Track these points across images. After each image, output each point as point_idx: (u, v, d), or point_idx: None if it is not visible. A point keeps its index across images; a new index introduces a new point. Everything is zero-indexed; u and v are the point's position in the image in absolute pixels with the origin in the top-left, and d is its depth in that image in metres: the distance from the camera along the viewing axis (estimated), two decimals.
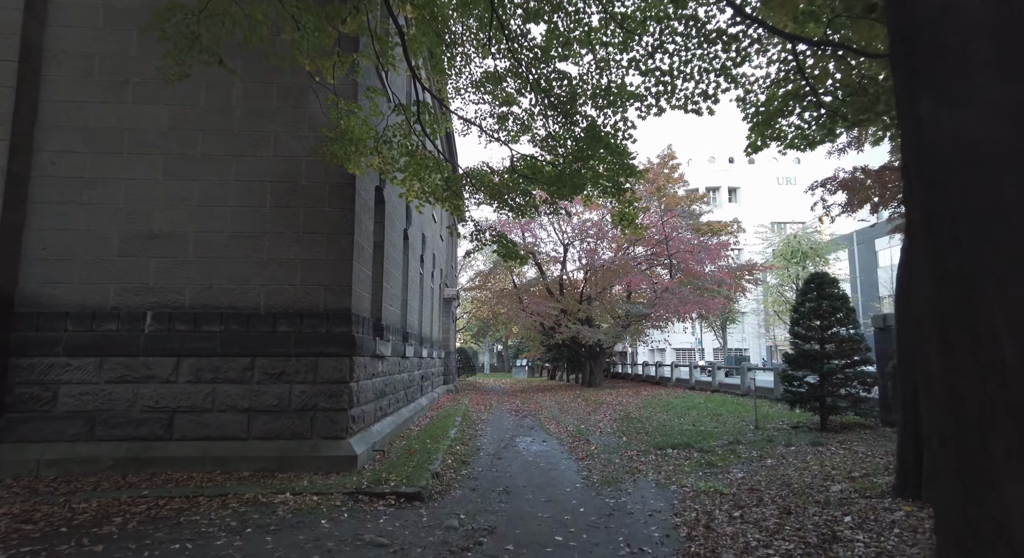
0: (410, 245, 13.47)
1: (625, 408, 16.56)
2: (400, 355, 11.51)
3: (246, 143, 7.99)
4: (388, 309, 10.49)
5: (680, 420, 13.30)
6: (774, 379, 15.58)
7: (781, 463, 8.15)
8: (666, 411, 15.09)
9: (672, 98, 4.89)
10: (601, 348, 26.35)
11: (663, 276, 28.26)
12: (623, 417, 14.37)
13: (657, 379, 26.72)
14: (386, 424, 9.65)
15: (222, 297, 7.65)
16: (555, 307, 25.03)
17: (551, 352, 34.46)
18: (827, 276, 11.06)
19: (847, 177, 9.28)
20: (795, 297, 11.50)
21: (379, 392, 9.39)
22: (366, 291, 8.68)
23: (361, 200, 8.33)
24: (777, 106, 4.60)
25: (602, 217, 27.34)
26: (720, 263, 26.32)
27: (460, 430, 11.91)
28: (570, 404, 18.99)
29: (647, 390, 23.19)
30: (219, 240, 7.76)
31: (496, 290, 30.28)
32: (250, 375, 7.48)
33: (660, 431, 11.65)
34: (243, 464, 7.13)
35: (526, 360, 49.13)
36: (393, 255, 11.12)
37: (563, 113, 5.75)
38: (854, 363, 10.55)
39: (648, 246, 27.64)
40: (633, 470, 8.12)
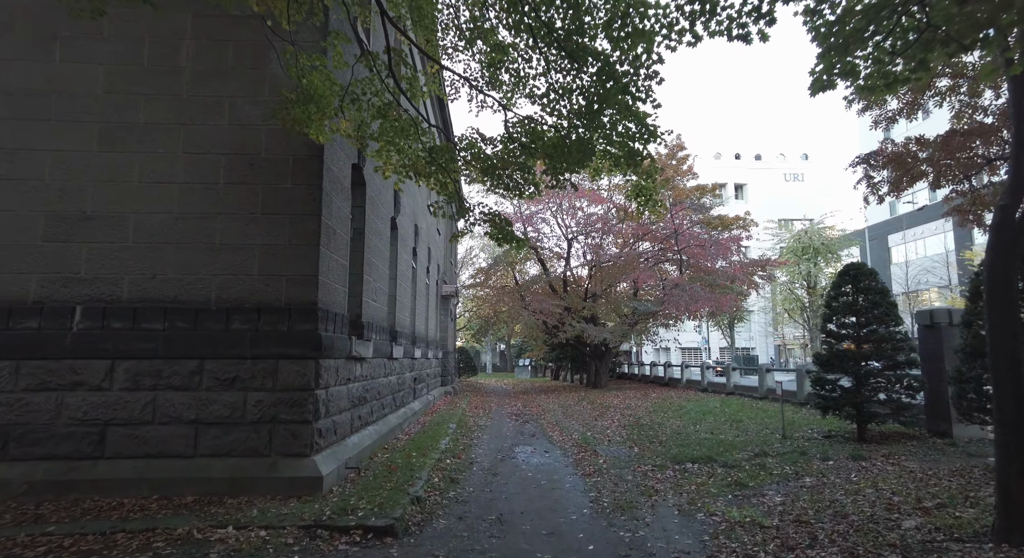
0: (400, 236, 12.32)
1: (634, 413, 15.37)
2: (386, 356, 10.36)
3: (196, 109, 6.84)
4: (371, 305, 9.34)
5: (696, 427, 12.10)
6: (797, 381, 14.36)
7: (823, 483, 6.96)
8: (679, 417, 13.89)
9: (712, 20, 3.71)
10: (607, 347, 25.16)
11: (671, 272, 27.04)
12: (632, 423, 13.18)
13: (666, 380, 25.49)
14: (366, 435, 8.50)
15: (166, 289, 6.50)
16: (559, 305, 23.85)
17: (555, 352, 33.26)
18: (864, 267, 9.85)
19: (897, 150, 8.05)
20: (826, 291, 10.29)
21: (357, 399, 8.25)
22: (339, 283, 7.52)
23: (332, 176, 7.17)
24: (858, 24, 3.41)
25: (607, 211, 26.14)
26: (732, 258, 25.07)
27: (453, 439, 10.75)
28: (574, 407, 17.81)
29: (656, 392, 21.99)
30: (164, 222, 6.62)
31: (497, 287, 29.10)
32: (198, 381, 6.33)
33: (675, 441, 10.46)
34: (187, 487, 5.99)
35: (529, 360, 47.94)
36: (378, 245, 9.97)
37: (568, 54, 4.59)
38: (896, 364, 9.34)
39: (655, 241, 26.42)
40: (649, 490, 6.94)
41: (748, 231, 26.56)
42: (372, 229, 9.49)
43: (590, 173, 6.66)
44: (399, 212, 12.01)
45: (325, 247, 6.90)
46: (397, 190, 11.15)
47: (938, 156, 7.44)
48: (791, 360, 67.16)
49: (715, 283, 22.82)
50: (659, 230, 25.91)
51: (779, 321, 55.96)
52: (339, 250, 7.50)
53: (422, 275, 16.24)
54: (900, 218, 43.80)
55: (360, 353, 8.20)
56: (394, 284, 11.86)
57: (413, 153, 6.49)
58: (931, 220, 40.32)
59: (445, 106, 16.66)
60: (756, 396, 16.24)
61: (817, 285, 42.12)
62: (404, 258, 12.94)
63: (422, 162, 6.58)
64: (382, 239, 10.33)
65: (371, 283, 9.39)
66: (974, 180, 7.99)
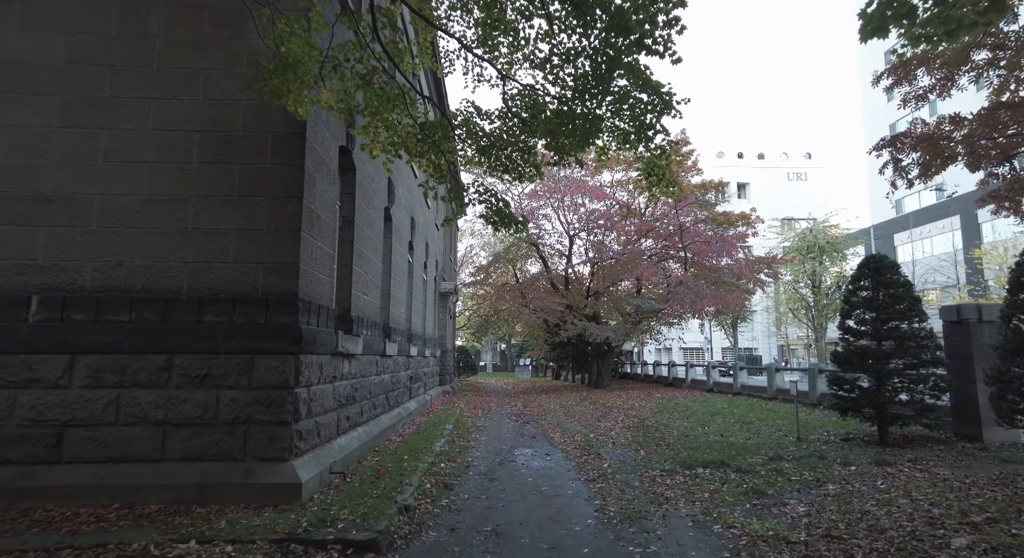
0: (395, 228, 11.76)
1: (638, 413, 14.81)
2: (378, 353, 9.81)
3: (168, 82, 6.28)
4: (361, 298, 8.78)
5: (705, 429, 11.53)
6: (809, 381, 13.79)
7: (848, 491, 6.39)
8: (686, 418, 13.33)
9: None
10: (609, 346, 24.58)
11: (675, 270, 26.47)
12: (637, 424, 12.62)
13: (670, 380, 24.91)
14: (355, 437, 7.94)
15: (133, 277, 5.95)
16: (560, 303, 23.29)
17: (556, 351, 32.69)
18: (885, 260, 9.27)
19: (927, 131, 7.47)
20: (831, 289, 9.69)
21: (345, 398, 7.69)
22: (325, 274, 6.96)
23: (316, 156, 6.61)
24: None
25: (610, 208, 25.58)
26: (737, 256, 24.49)
27: (449, 441, 10.19)
28: (576, 408, 17.25)
29: (660, 392, 21.42)
30: (131, 205, 6.07)
31: (497, 285, 28.53)
32: (167, 378, 5.78)
33: (684, 443, 9.90)
34: (152, 494, 5.43)
35: (530, 359, 47.37)
36: (369, 236, 9.42)
37: (574, 5, 4.03)
38: (921, 363, 8.77)
39: (659, 238, 25.85)
40: (659, 498, 6.38)
41: (754, 228, 25.98)
42: (363, 218, 8.93)
43: (596, 153, 6.10)
44: (394, 202, 11.45)
45: (307, 233, 6.35)
46: (390, 177, 10.61)
47: (979, 132, 6.83)
48: (795, 360, 66.59)
49: (720, 281, 22.24)
50: (663, 227, 25.35)
51: (783, 321, 55.32)
52: (324, 237, 6.94)
53: (419, 270, 15.69)
54: (907, 217, 43.20)
55: (348, 349, 7.64)
56: (388, 278, 11.31)
57: (403, 129, 5.94)
58: (938, 218, 39.74)
59: (440, 82, 15.95)
60: (765, 397, 15.67)
61: (822, 284, 41.54)
62: (399, 251, 12.39)
63: (413, 139, 6.03)
64: (375, 229, 9.78)
65: (362, 275, 8.83)
66: (1015, 162, 7.43)
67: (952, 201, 38.72)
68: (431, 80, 15.11)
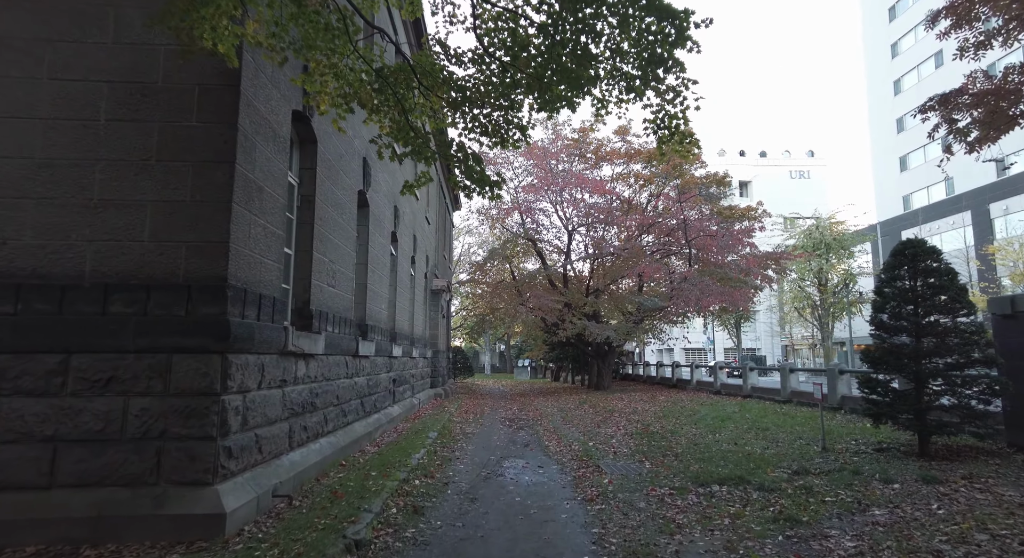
0: (373, 215, 10.65)
1: (642, 418, 13.68)
2: (349, 353, 8.69)
3: (68, 21, 5.17)
4: (325, 290, 7.67)
5: (716, 437, 10.41)
6: (828, 382, 12.65)
7: (901, 518, 5.26)
8: (694, 423, 12.19)
9: None
10: (610, 346, 23.44)
11: (678, 266, 25.36)
12: (641, 431, 11.49)
13: (674, 381, 23.75)
14: (314, 450, 6.82)
15: (21, 259, 4.83)
16: (558, 301, 22.16)
17: (554, 351, 31.56)
18: (923, 245, 8.14)
19: (991, 86, 6.33)
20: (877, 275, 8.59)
21: (300, 406, 6.56)
22: (269, 257, 5.84)
23: (255, 115, 5.49)
24: None
25: (610, 202, 24.44)
26: (743, 251, 23.35)
27: (430, 452, 9.06)
28: (575, 412, 16.12)
29: (664, 394, 20.28)
30: (20, 170, 4.95)
31: (493, 282, 27.40)
32: (60, 383, 4.66)
33: (694, 453, 8.78)
34: (34, 531, 4.31)
35: (529, 360, 46.24)
36: (337, 220, 8.30)
37: None
38: (968, 362, 7.63)
39: (661, 233, 24.73)
40: (669, 525, 5.27)
41: (760, 222, 24.85)
42: (328, 199, 7.82)
43: (594, 107, 4.98)
44: (371, 186, 10.33)
45: (243, 206, 5.23)
46: (365, 156, 9.50)
47: None
48: (799, 360, 65.38)
49: (726, 277, 21.11)
50: (665, 222, 24.23)
51: (787, 320, 54.11)
52: (269, 214, 5.82)
53: (405, 264, 14.57)
54: (915, 213, 42.06)
55: (304, 348, 6.51)
56: (364, 270, 10.19)
57: (355, 77, 4.82)
58: (949, 214, 38.57)
59: (421, 30, 14.23)
60: (778, 399, 14.52)
61: (828, 282, 40.37)
62: (379, 242, 11.27)
63: (367, 91, 4.91)
64: (344, 214, 8.66)
65: (327, 264, 7.72)
66: None
67: (963, 196, 37.57)
68: (410, 31, 13.83)
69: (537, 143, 25.15)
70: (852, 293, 38.12)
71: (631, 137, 25.94)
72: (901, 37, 45.36)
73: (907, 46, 44.94)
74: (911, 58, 44.29)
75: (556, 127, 25.47)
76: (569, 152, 25.16)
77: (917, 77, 43.66)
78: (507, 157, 24.58)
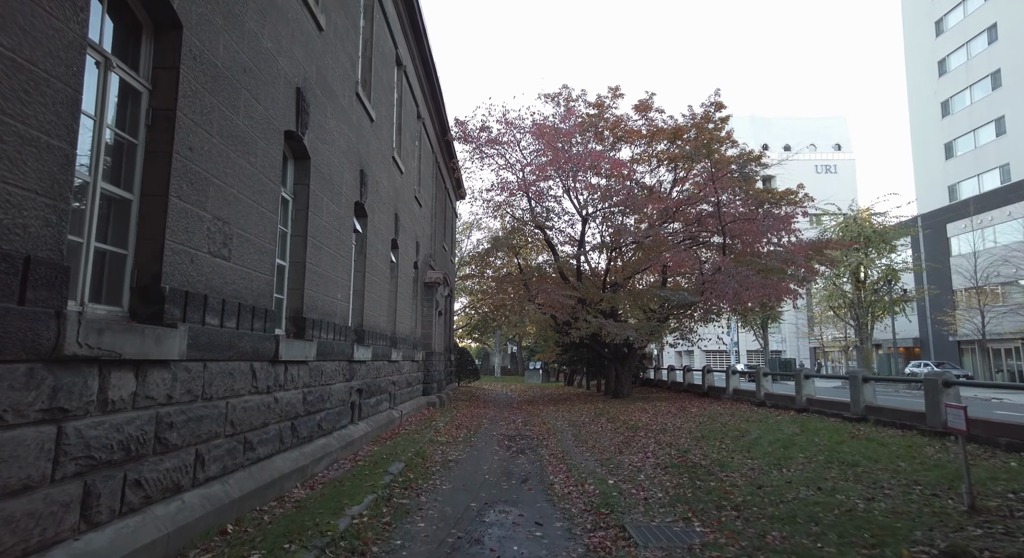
0: (318, 170, 8.01)
1: (674, 439, 10.84)
2: (261, 358, 6.00)
3: None
4: (206, 261, 5.00)
5: (785, 473, 7.55)
6: (926, 395, 9.69)
7: None
8: (747, 450, 9.32)
9: None
10: (630, 348, 20.56)
11: (707, 258, 22.41)
12: (677, 460, 8.68)
13: (705, 389, 20.74)
14: (160, 518, 4.13)
15: None
16: (571, 296, 19.34)
17: (567, 353, 28.71)
18: None
19: None
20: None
21: (123, 448, 3.87)
22: (24, 184, 3.16)
23: None
24: None
25: (629, 188, 21.52)
26: (784, 239, 20.31)
27: (379, 499, 6.32)
28: (590, 427, 13.32)
29: (695, 405, 17.36)
30: None
31: (498, 276, 24.64)
32: None
33: (764, 506, 5.97)
34: None
35: (541, 362, 43.43)
36: (234, 158, 5.66)
37: None
38: None
39: (687, 221, 21.77)
40: None
41: (803, 207, 21.81)
42: (214, 121, 5.17)
43: None
44: (309, 127, 7.66)
45: None
46: (299, 81, 6.82)
47: None
48: (828, 365, 61.55)
49: (769, 267, 18.12)
50: (694, 206, 21.28)
51: (818, 321, 50.42)
52: (33, 106, 3.16)
53: (380, 247, 11.91)
54: (965, 203, 38.37)
55: (123, 352, 3.83)
56: (304, 244, 7.54)
57: None
58: (1005, 204, 34.90)
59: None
60: (849, 417, 11.52)
61: (868, 279, 36.88)
62: (332, 209, 8.61)
63: None
64: (250, 151, 5.98)
65: (208, 220, 5.05)
66: None
67: (1021, 185, 33.96)
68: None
69: (547, 120, 22.38)
70: (895, 290, 34.62)
71: (653, 113, 23.05)
72: (947, 13, 41.71)
73: (954, 22, 41.30)
74: (958, 35, 40.66)
75: (569, 102, 22.66)
76: (583, 130, 22.35)
77: (966, 55, 40.05)
78: (514, 136, 21.83)
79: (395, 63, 13.70)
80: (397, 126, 14.04)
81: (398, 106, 14.25)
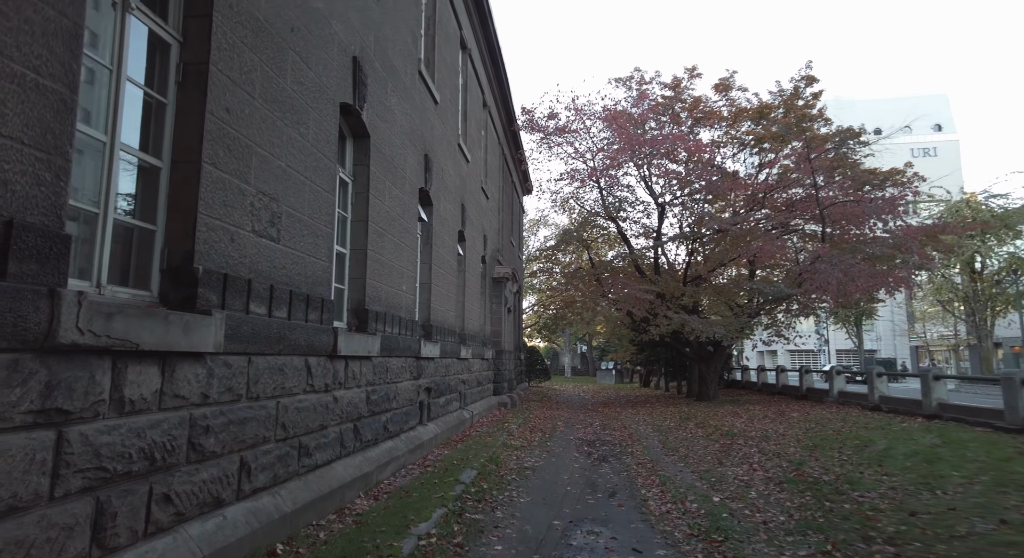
0: (376, 147, 7.37)
1: (781, 447, 9.44)
2: (318, 353, 5.36)
3: None
4: (250, 244, 4.37)
5: (940, 496, 6.09)
6: None
7: None
8: (872, 460, 7.83)
9: None
10: (717, 346, 18.93)
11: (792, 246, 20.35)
12: (792, 474, 7.36)
13: (803, 391, 18.74)
14: (207, 532, 3.49)
15: None
16: (649, 290, 17.99)
17: (643, 352, 27.21)
18: None
19: None
20: None
21: (158, 450, 3.24)
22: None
23: None
24: None
25: (711, 172, 19.85)
26: (893, 223, 18.03)
27: (451, 513, 5.52)
28: (677, 432, 12.06)
29: (794, 408, 15.61)
30: None
31: (568, 271, 23.55)
32: None
33: (923, 535, 4.68)
34: None
35: (614, 362, 41.87)
36: (290, 131, 5.04)
37: None
38: None
39: (774, 208, 19.83)
40: None
41: (912, 187, 19.34)
42: (256, 82, 4.56)
43: None
44: (369, 101, 7.01)
45: None
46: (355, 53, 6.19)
47: None
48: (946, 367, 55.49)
49: (875, 255, 16.02)
50: (785, 190, 19.35)
51: (922, 317, 45.58)
52: (13, 32, 2.54)
53: (447, 239, 11.23)
54: None
55: (126, 339, 3.19)
56: (365, 229, 6.90)
57: None
58: None
59: None
60: (1001, 426, 9.59)
61: (986, 269, 32.74)
62: (396, 195, 7.96)
63: None
64: (300, 121, 5.36)
65: (249, 193, 4.43)
66: None
67: None
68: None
69: (618, 105, 21.13)
70: (1022, 282, 30.47)
71: (735, 92, 21.27)
72: None
73: None
74: None
75: (642, 84, 21.29)
76: (658, 113, 20.91)
77: None
78: (583, 123, 20.72)
79: (459, 46, 13.03)
80: (462, 112, 13.37)
81: (463, 91, 13.57)
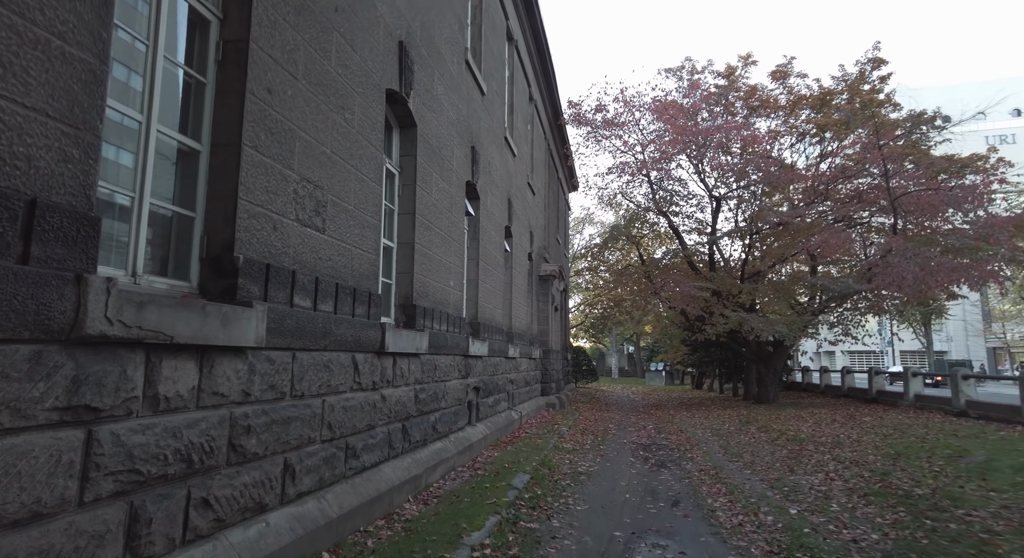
0: (422, 137, 7.10)
1: (858, 454, 8.66)
2: (366, 349, 5.11)
3: None
4: (294, 232, 4.14)
5: None
6: None
7: None
8: (972, 472, 7.02)
9: None
10: (777, 346, 17.94)
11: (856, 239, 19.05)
12: (878, 485, 6.66)
13: (873, 394, 17.51)
14: (249, 539, 3.25)
15: None
16: (704, 287, 17.19)
17: (696, 353, 26.23)
18: None
19: None
20: None
21: (196, 452, 3.01)
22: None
23: None
24: None
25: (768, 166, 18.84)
26: (973, 213, 16.60)
27: (505, 521, 5.16)
28: (738, 437, 11.35)
29: (864, 412, 14.55)
30: None
31: (616, 269, 22.87)
32: None
33: None
34: None
35: (663, 363, 40.71)
36: (334, 116, 4.80)
37: None
38: None
39: (837, 200, 18.62)
40: None
41: (997, 174, 17.80)
42: (299, 62, 4.33)
43: None
44: (415, 88, 6.75)
45: None
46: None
47: None
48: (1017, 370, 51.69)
49: (958, 247, 14.73)
50: (849, 179, 18.15)
51: (1001, 316, 42.31)
52: None
53: (494, 234, 10.92)
54: None
55: (160, 330, 2.97)
56: (411, 223, 6.64)
57: None
58: None
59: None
60: None
61: None
62: (443, 188, 7.69)
63: None
64: (345, 105, 5.12)
65: (292, 179, 4.20)
66: None
67: None
68: None
69: (669, 96, 20.37)
70: None
71: (793, 79, 20.17)
72: None
73: None
74: None
75: (693, 74, 20.46)
76: (711, 104, 20.04)
77: None
78: (632, 115, 20.05)
79: (506, 37, 12.71)
80: (509, 105, 13.04)
81: (510, 84, 13.25)
